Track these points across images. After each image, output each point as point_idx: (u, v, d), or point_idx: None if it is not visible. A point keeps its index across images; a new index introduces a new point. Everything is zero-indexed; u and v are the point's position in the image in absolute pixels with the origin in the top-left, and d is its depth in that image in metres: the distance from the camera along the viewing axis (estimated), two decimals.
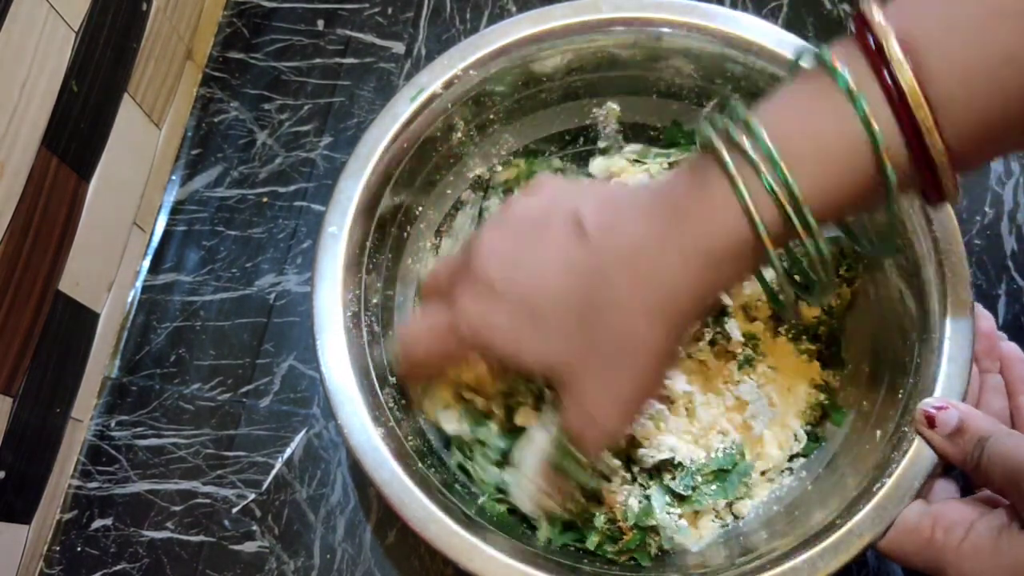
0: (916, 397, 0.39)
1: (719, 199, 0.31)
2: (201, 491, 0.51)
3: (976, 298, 0.40)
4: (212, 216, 0.57)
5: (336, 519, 0.50)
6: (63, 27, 0.47)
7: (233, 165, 0.58)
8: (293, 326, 0.54)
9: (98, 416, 0.53)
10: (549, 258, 0.35)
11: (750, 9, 0.61)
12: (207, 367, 0.53)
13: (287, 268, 0.55)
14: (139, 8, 0.53)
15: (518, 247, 0.36)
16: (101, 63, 0.50)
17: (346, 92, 0.60)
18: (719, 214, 0.31)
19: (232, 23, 0.62)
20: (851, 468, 0.41)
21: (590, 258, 0.34)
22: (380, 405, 0.41)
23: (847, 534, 0.36)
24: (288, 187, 0.57)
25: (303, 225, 0.56)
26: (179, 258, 0.56)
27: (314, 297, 0.42)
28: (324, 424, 0.52)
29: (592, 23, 0.46)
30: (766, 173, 0.30)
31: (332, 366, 0.40)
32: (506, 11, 0.61)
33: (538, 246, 0.36)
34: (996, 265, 0.53)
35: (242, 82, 0.60)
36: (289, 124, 0.59)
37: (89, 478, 0.51)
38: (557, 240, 0.35)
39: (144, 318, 0.55)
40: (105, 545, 0.50)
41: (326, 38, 0.61)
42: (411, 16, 0.61)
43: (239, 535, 0.50)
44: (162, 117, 0.58)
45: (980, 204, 0.55)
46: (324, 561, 0.49)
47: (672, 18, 0.46)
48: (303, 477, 0.51)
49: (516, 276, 0.36)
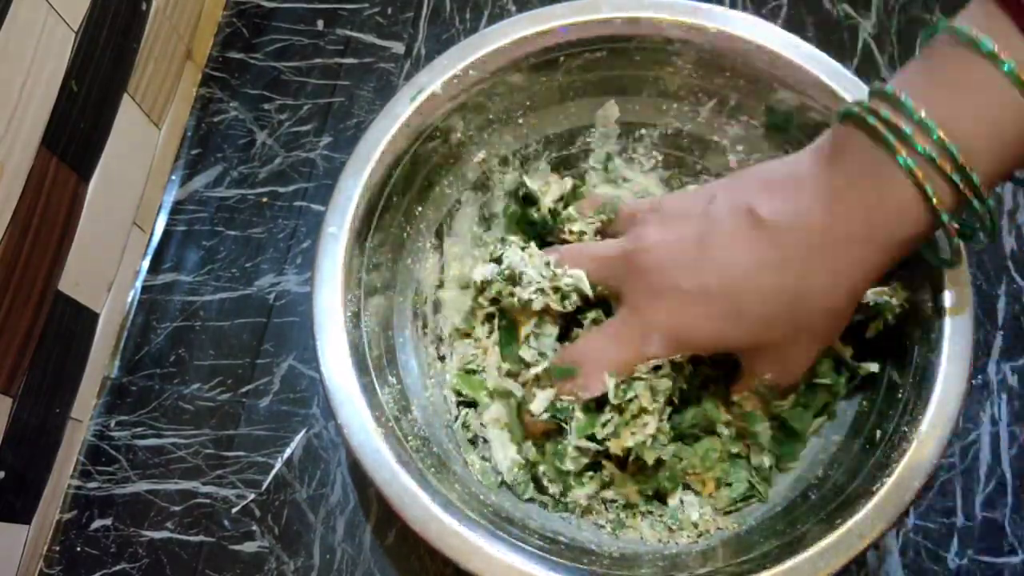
0: (916, 397, 0.39)
1: (901, 193, 0.33)
2: (201, 491, 0.51)
3: (976, 298, 0.40)
4: (212, 216, 0.57)
5: (336, 519, 0.50)
6: (63, 27, 0.47)
7: (233, 165, 0.58)
8: (293, 326, 0.54)
9: (98, 416, 0.53)
10: (734, 256, 0.37)
11: (750, 9, 0.61)
12: (207, 367, 0.53)
13: (287, 268, 0.55)
14: (139, 8, 0.53)
15: (691, 248, 0.38)
16: (101, 63, 0.50)
17: (346, 92, 0.60)
18: (906, 210, 0.33)
19: (232, 23, 0.62)
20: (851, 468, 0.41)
21: (780, 251, 0.36)
22: (380, 405, 0.41)
23: (847, 534, 0.36)
24: (288, 187, 0.57)
25: (303, 225, 0.56)
26: (179, 258, 0.56)
27: (314, 297, 0.41)
28: (324, 424, 0.52)
29: (592, 23, 0.46)
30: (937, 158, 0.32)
31: (332, 366, 0.40)
32: (506, 11, 0.61)
33: (714, 247, 0.37)
34: (996, 265, 0.53)
35: (242, 82, 0.60)
36: (289, 124, 0.59)
37: (89, 478, 0.51)
38: (735, 238, 0.37)
39: (144, 318, 0.55)
40: (105, 545, 0.50)
41: (326, 38, 0.61)
42: (411, 16, 0.61)
43: (239, 535, 0.50)
44: (162, 117, 0.58)
45: None
46: (324, 561, 0.49)
47: (672, 18, 0.46)
48: (303, 477, 0.51)
49: (705, 280, 0.37)
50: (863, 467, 0.40)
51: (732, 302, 0.37)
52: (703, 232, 0.38)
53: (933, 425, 0.38)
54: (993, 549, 0.48)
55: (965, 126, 0.32)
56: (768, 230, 0.36)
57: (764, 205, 0.36)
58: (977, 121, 0.32)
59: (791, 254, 0.36)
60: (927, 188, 0.32)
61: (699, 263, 0.38)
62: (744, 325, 0.38)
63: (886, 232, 0.34)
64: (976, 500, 0.49)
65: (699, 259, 0.38)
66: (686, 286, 0.38)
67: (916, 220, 0.33)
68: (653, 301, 0.39)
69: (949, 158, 0.32)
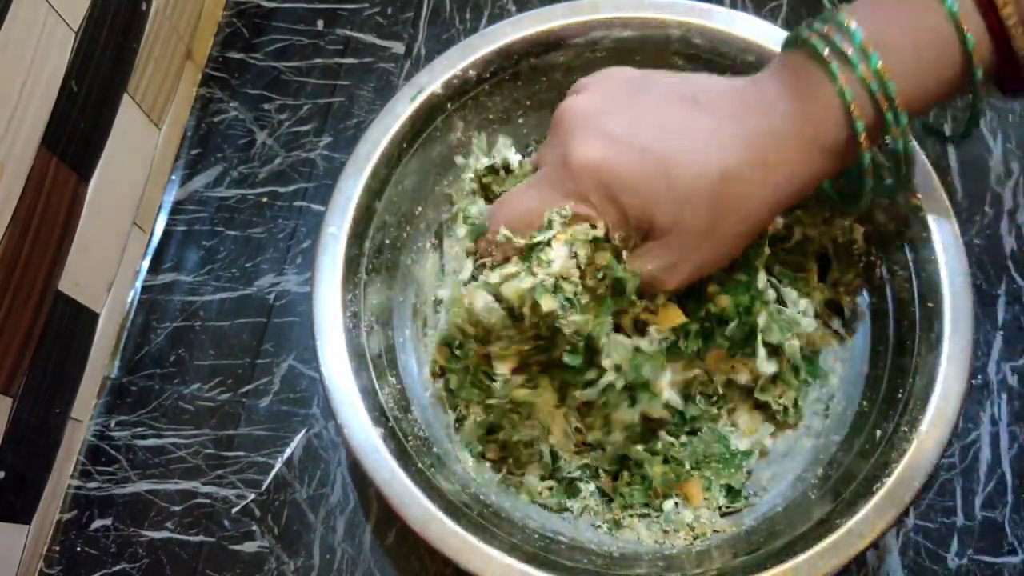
0: (916, 397, 0.39)
1: (827, 98, 0.34)
2: (201, 491, 0.51)
3: (976, 298, 0.40)
4: (212, 216, 0.57)
5: (336, 519, 0.50)
6: (63, 27, 0.47)
7: (233, 165, 0.58)
8: (293, 326, 0.54)
9: (98, 416, 0.53)
10: (671, 117, 0.36)
11: (749, 9, 0.61)
12: (207, 367, 0.53)
13: (287, 268, 0.55)
14: (139, 8, 0.53)
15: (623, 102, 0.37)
16: (101, 63, 0.50)
17: (346, 92, 0.60)
18: (831, 113, 0.34)
19: (232, 23, 0.62)
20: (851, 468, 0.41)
21: (715, 123, 0.35)
22: (380, 405, 0.41)
23: (847, 534, 0.36)
24: (288, 187, 0.57)
25: (303, 225, 0.56)
26: (179, 258, 0.56)
27: (314, 297, 0.41)
28: (324, 424, 0.52)
29: (592, 23, 0.46)
30: (862, 70, 0.33)
31: (332, 366, 0.40)
32: (506, 11, 0.61)
33: (648, 106, 0.37)
34: (996, 265, 0.53)
35: (242, 82, 0.60)
36: (289, 124, 0.59)
37: (89, 478, 0.51)
38: (668, 102, 0.36)
39: (144, 318, 0.55)
40: (105, 545, 0.50)
41: (326, 38, 0.61)
42: (411, 16, 0.61)
43: (239, 535, 0.50)
44: (162, 117, 0.58)
45: (980, 204, 0.55)
46: (324, 561, 0.49)
47: (671, 18, 0.46)
48: (303, 477, 0.51)
49: (639, 131, 0.36)
50: (863, 467, 0.40)
51: (664, 161, 0.35)
52: (636, 93, 0.37)
53: (933, 425, 0.38)
54: (993, 549, 0.48)
55: (890, 36, 0.33)
56: (702, 105, 0.36)
57: (705, 97, 0.36)
58: (902, 33, 0.33)
59: (726, 131, 0.35)
60: (846, 92, 0.33)
61: (633, 116, 0.36)
62: (671, 192, 0.35)
63: (812, 132, 0.35)
64: (976, 500, 0.49)
65: (633, 114, 0.36)
66: (617, 131, 0.36)
67: (838, 123, 0.34)
68: (577, 143, 0.36)
69: (868, 65, 0.33)
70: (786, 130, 0.35)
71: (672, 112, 0.36)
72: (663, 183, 0.35)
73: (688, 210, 0.36)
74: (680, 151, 0.35)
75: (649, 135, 0.36)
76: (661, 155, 0.35)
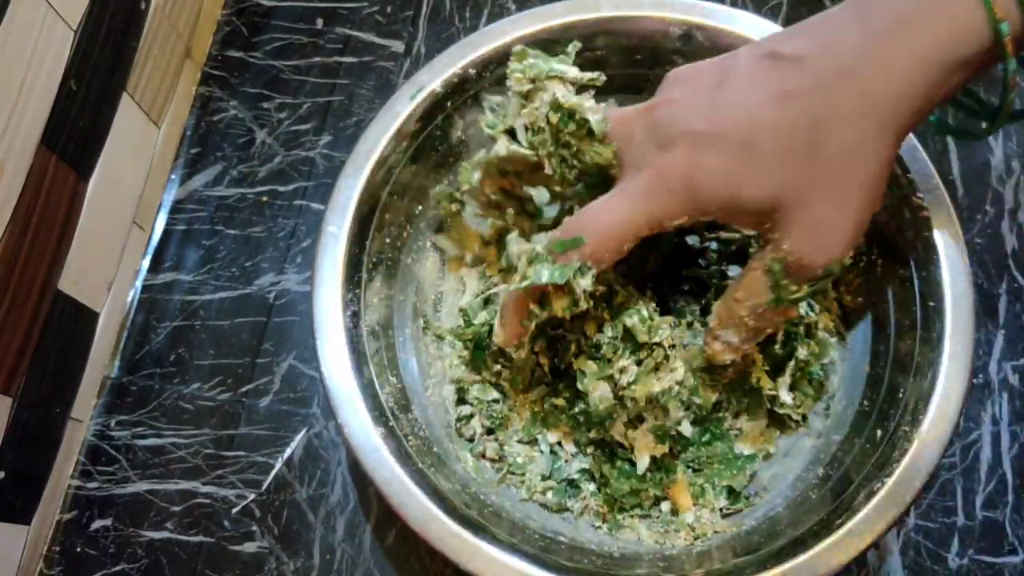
0: (917, 396, 0.39)
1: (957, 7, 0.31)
2: (201, 491, 0.51)
3: (977, 297, 0.40)
4: (211, 215, 0.57)
5: (336, 519, 0.50)
6: (62, 26, 0.47)
7: (232, 164, 0.58)
8: (293, 325, 0.54)
9: (98, 416, 0.53)
10: (752, 93, 0.34)
11: (750, 8, 0.61)
12: (207, 367, 0.53)
13: (287, 267, 0.55)
14: (138, 7, 0.53)
15: (707, 97, 0.35)
16: (100, 62, 0.50)
17: (345, 91, 0.60)
18: (959, 22, 0.31)
19: (231, 22, 0.62)
20: (851, 468, 0.41)
21: (804, 78, 0.33)
22: (380, 405, 0.41)
23: (847, 534, 0.36)
24: (287, 186, 0.57)
25: (303, 224, 0.56)
26: (179, 257, 0.56)
27: (314, 297, 0.41)
28: (324, 424, 0.52)
29: (591, 22, 0.46)
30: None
31: (332, 366, 0.40)
32: (506, 9, 0.61)
33: (732, 89, 0.34)
34: (997, 264, 0.53)
35: (241, 81, 0.60)
36: (288, 123, 0.59)
37: (89, 478, 0.51)
38: (754, 77, 0.34)
39: (144, 317, 0.55)
40: (105, 545, 0.50)
41: (325, 37, 0.61)
42: (410, 14, 0.61)
43: (239, 535, 0.50)
44: (161, 116, 0.58)
45: (981, 203, 0.55)
46: (324, 561, 0.49)
47: (671, 16, 0.46)
48: (303, 477, 0.51)
49: (720, 118, 0.34)
50: (863, 467, 0.40)
51: (746, 135, 0.33)
52: (720, 79, 0.35)
53: (934, 424, 0.38)
54: (993, 549, 0.48)
55: None
56: (790, 61, 0.33)
57: (786, 45, 0.34)
58: None
59: (815, 80, 0.33)
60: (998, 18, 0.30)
61: (714, 106, 0.35)
62: (759, 165, 0.33)
63: (936, 48, 0.31)
64: (977, 500, 0.49)
65: (714, 103, 0.35)
66: (700, 128, 0.34)
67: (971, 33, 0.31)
68: (664, 152, 0.35)
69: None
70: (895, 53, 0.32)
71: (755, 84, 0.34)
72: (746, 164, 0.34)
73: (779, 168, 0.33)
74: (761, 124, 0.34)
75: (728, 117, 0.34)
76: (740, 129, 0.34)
